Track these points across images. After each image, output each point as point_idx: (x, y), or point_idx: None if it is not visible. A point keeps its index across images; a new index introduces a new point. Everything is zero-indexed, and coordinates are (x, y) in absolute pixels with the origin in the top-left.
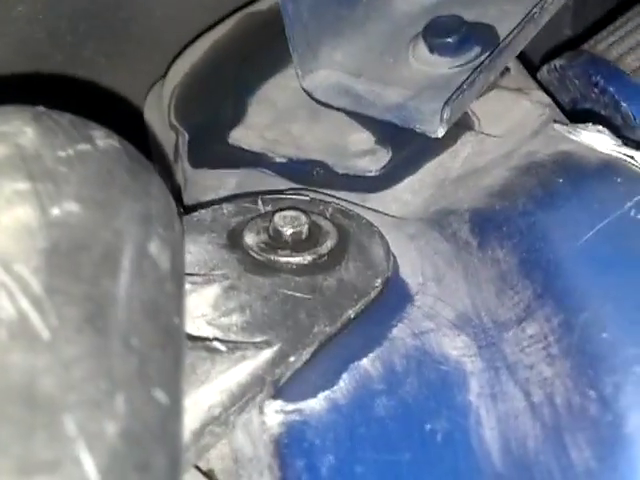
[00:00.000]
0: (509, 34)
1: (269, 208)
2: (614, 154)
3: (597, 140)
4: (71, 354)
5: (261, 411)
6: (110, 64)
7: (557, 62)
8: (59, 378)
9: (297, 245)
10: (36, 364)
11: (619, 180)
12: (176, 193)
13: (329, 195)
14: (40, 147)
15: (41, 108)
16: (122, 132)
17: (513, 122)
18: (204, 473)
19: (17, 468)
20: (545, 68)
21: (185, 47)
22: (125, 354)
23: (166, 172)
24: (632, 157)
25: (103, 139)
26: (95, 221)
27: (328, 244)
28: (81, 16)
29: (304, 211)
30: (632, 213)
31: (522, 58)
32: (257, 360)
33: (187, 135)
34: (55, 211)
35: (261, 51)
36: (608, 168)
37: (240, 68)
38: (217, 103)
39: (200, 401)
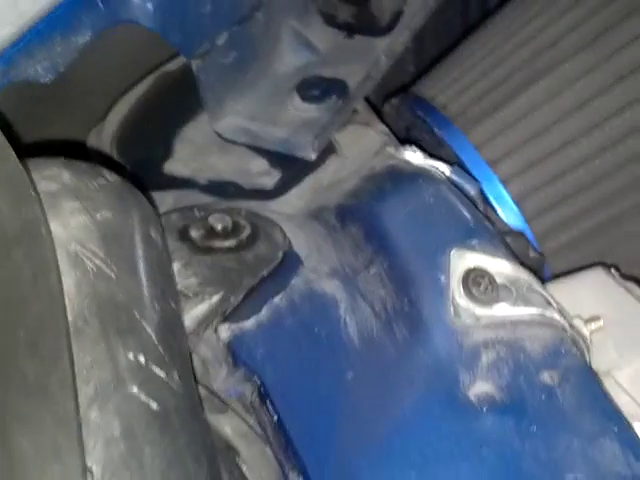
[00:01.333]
0: (356, 86)
1: (203, 214)
2: (425, 166)
3: (414, 157)
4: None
5: (216, 330)
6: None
7: (394, 101)
8: None
9: (226, 235)
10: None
11: (423, 181)
12: None
13: (241, 204)
14: (76, 182)
15: (62, 158)
16: None
17: (362, 147)
18: None
19: None
20: (387, 105)
21: (114, 100)
22: None
23: None
24: (436, 167)
25: (109, 174)
26: (121, 220)
27: (245, 233)
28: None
29: (227, 213)
30: (431, 200)
31: (368, 99)
32: (211, 301)
33: (128, 167)
34: (98, 216)
35: (179, 103)
36: (418, 174)
37: (164, 116)
38: (149, 143)
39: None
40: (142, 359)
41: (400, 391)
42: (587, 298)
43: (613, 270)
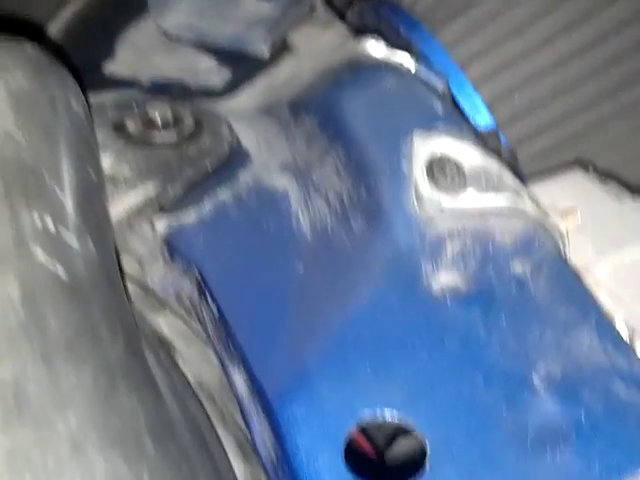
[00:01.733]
0: None
1: (142, 107)
2: (388, 58)
3: (376, 49)
4: None
5: (152, 224)
6: None
7: (357, 4)
8: None
9: (166, 127)
10: None
11: (384, 70)
12: None
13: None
14: None
15: None
16: None
17: (320, 45)
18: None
19: None
20: (349, 11)
21: None
22: None
23: None
24: (400, 61)
25: (31, 48)
26: (38, 89)
27: (188, 126)
28: None
29: (170, 108)
30: (392, 88)
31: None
32: (145, 190)
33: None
34: (13, 85)
35: (121, 4)
36: (380, 65)
37: (106, 17)
38: (91, 43)
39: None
40: (50, 223)
41: (356, 283)
42: (564, 196)
43: (591, 170)
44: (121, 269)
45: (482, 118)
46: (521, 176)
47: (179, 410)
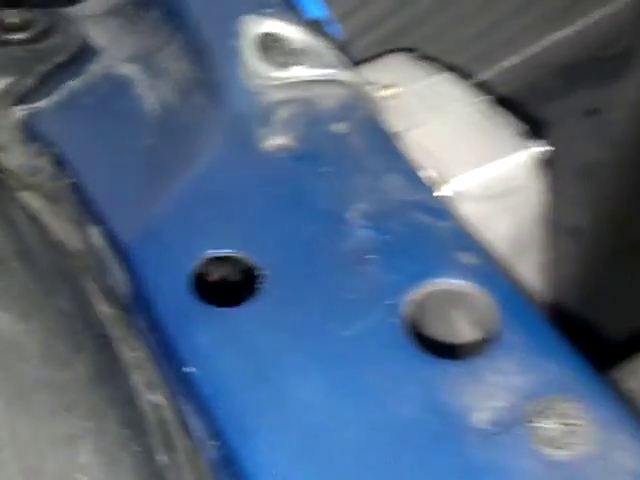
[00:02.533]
0: None
1: None
2: None
3: None
4: None
5: (9, 113)
6: None
7: None
8: None
9: (18, 29)
10: None
11: None
12: None
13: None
14: None
15: None
16: None
17: None
18: None
19: None
20: None
21: None
22: None
23: None
24: None
25: None
26: None
27: (39, 27)
28: None
29: (23, 13)
30: None
31: None
32: (2, 84)
33: None
34: None
35: None
36: None
37: None
38: None
39: None
40: None
41: (199, 148)
42: (387, 73)
43: (414, 53)
44: None
45: (316, 9)
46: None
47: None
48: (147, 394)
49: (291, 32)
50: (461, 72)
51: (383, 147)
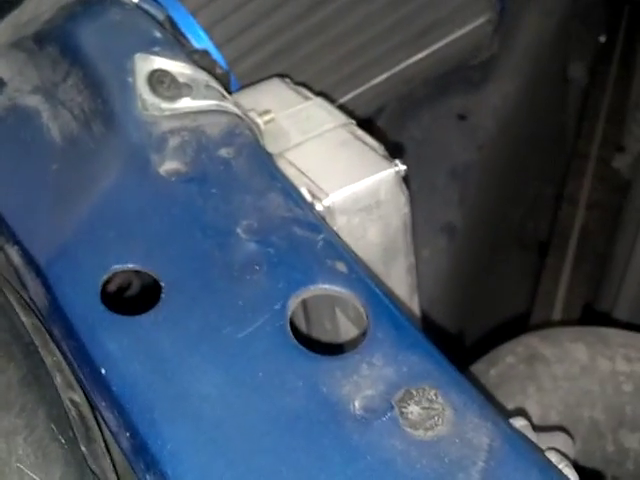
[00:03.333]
0: None
1: None
2: None
3: None
4: None
5: None
6: None
7: None
8: None
9: None
10: None
11: (110, 4)
12: None
13: None
14: None
15: None
16: None
17: None
18: None
19: None
20: None
21: None
22: None
23: None
24: None
25: None
26: None
27: None
28: None
29: None
30: (117, 18)
31: None
32: None
33: None
34: None
35: None
36: (102, 1)
37: None
38: None
39: None
40: None
41: (99, 174)
42: (263, 99)
43: (287, 79)
44: None
45: (199, 40)
46: (230, 84)
47: None
48: (68, 393)
49: (178, 67)
50: (334, 92)
51: (264, 169)
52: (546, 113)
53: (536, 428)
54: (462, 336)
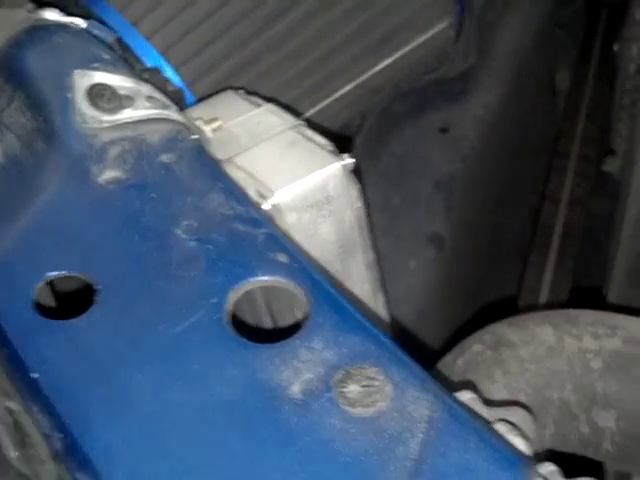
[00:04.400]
0: None
1: None
2: (61, 21)
3: (52, 15)
4: None
5: None
6: None
7: None
8: None
9: None
10: None
11: (55, 29)
12: None
13: None
14: None
15: None
16: None
17: (9, 21)
18: None
19: None
20: None
21: None
22: None
23: None
24: (73, 22)
25: None
26: None
27: None
28: None
29: None
30: (60, 40)
31: None
32: None
33: None
34: None
35: None
36: (52, 26)
37: None
38: None
39: None
40: None
41: (40, 188)
42: (216, 109)
43: (240, 91)
44: None
45: (154, 61)
46: (184, 101)
47: None
48: (4, 401)
49: (118, 81)
50: (298, 105)
51: (206, 172)
52: (531, 120)
53: (494, 404)
54: (452, 347)
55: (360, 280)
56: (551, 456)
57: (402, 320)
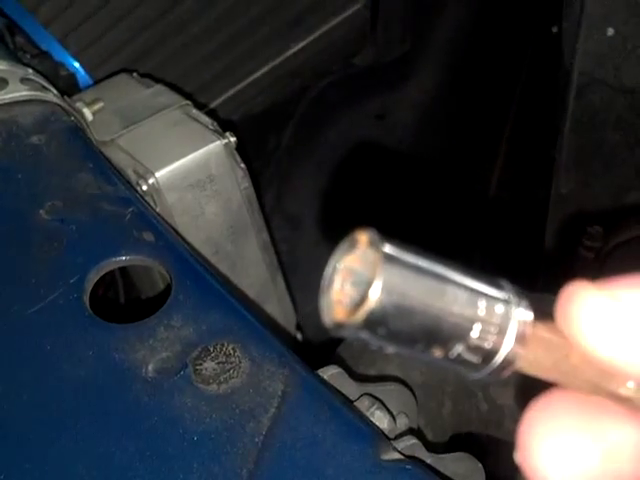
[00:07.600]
0: None
1: None
2: None
3: None
4: None
5: None
6: None
7: None
8: None
9: None
10: None
11: None
12: None
13: None
14: None
15: None
16: None
17: None
18: None
19: None
20: None
21: None
22: None
23: None
24: None
25: None
26: None
27: None
28: None
29: None
30: None
31: None
32: None
33: None
34: None
35: None
36: None
37: None
38: None
39: None
40: None
41: None
42: (107, 92)
43: (134, 73)
44: None
45: (49, 46)
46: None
47: None
48: None
49: None
50: (209, 90)
51: (78, 152)
52: (474, 103)
53: (369, 380)
54: None
55: (255, 262)
56: None
57: None
